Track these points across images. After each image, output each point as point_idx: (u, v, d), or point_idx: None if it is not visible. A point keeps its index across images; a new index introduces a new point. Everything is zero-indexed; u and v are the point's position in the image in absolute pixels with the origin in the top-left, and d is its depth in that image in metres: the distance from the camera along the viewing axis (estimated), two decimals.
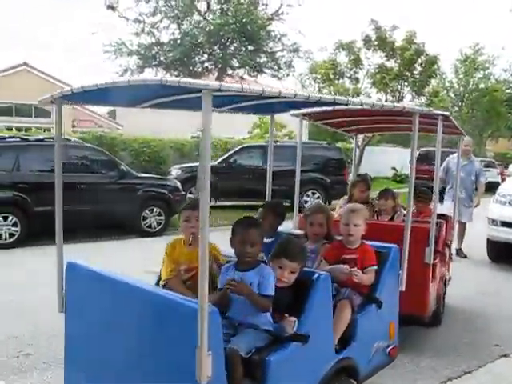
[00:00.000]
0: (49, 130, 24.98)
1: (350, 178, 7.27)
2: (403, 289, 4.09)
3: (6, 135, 12.95)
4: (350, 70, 23.37)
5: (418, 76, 22.66)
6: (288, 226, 4.66)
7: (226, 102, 4.24)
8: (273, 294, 3.04)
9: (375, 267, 3.84)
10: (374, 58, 23.41)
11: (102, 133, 19.52)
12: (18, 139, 11.40)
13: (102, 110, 36.29)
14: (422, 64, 22.64)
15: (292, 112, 5.63)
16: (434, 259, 5.26)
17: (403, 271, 4.12)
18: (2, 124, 22.39)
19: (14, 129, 21.39)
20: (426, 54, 22.49)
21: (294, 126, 26.76)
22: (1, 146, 10.76)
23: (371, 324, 3.75)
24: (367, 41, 22.78)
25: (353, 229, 3.90)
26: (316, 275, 3.25)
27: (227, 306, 3.06)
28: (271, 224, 4.31)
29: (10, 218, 10.26)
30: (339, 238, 4.06)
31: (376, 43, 22.56)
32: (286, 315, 3.08)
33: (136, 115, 28.36)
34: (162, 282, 3.62)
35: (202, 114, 2.33)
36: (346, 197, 6.72)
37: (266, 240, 4.04)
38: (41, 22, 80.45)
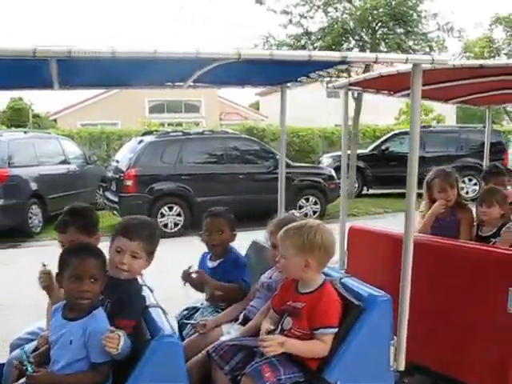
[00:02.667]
0: (197, 124, 26.24)
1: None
2: (402, 368, 2.61)
3: (170, 130, 13.79)
4: (508, 45, 21.63)
5: None
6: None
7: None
8: (107, 359, 2.16)
9: (332, 330, 2.39)
10: None
11: (252, 124, 20.06)
12: (180, 133, 12.07)
13: (245, 101, 37.45)
14: None
15: (336, 83, 4.23)
16: None
17: (399, 337, 2.59)
18: (156, 120, 23.91)
19: (165, 124, 22.68)
20: None
21: (441, 110, 25.58)
22: (166, 140, 11.45)
23: None
24: None
25: (280, 260, 2.51)
26: (159, 335, 2.17)
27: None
28: (218, 240, 3.30)
29: (175, 208, 10.87)
30: None
31: None
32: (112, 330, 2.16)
33: (277, 106, 28.81)
34: None
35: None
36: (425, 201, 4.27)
37: (211, 264, 3.37)
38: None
